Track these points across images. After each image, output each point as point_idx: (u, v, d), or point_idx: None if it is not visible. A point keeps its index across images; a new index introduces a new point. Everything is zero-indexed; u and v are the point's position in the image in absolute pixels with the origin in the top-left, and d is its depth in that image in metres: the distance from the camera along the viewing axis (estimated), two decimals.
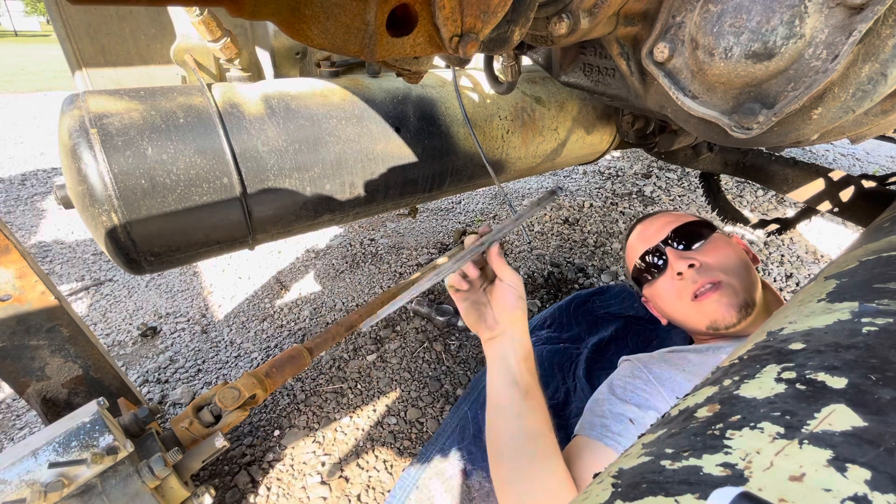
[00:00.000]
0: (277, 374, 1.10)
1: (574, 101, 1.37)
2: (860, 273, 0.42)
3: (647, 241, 1.00)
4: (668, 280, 0.94)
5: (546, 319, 1.59)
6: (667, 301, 0.96)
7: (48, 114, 5.05)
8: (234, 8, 0.39)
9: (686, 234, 0.96)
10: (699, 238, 0.95)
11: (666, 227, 0.99)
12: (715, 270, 0.88)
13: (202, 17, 0.87)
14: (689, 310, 0.90)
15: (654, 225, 1.02)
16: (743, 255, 0.94)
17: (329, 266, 2.11)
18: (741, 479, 0.22)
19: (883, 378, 0.26)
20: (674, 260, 0.92)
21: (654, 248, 0.97)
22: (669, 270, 0.93)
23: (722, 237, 0.96)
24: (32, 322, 0.85)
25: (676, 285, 0.92)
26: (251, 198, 0.87)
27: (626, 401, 0.83)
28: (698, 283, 0.87)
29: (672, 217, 1.01)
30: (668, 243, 0.96)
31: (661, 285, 0.96)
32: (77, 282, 1.98)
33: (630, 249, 1.08)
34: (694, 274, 0.88)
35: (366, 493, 1.14)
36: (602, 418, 0.82)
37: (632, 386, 0.86)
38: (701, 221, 0.99)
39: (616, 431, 0.77)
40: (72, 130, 0.74)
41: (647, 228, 1.04)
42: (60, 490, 0.70)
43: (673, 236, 0.96)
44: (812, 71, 0.46)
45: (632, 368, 0.91)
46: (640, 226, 1.08)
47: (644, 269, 1.00)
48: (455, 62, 0.72)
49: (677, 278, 0.91)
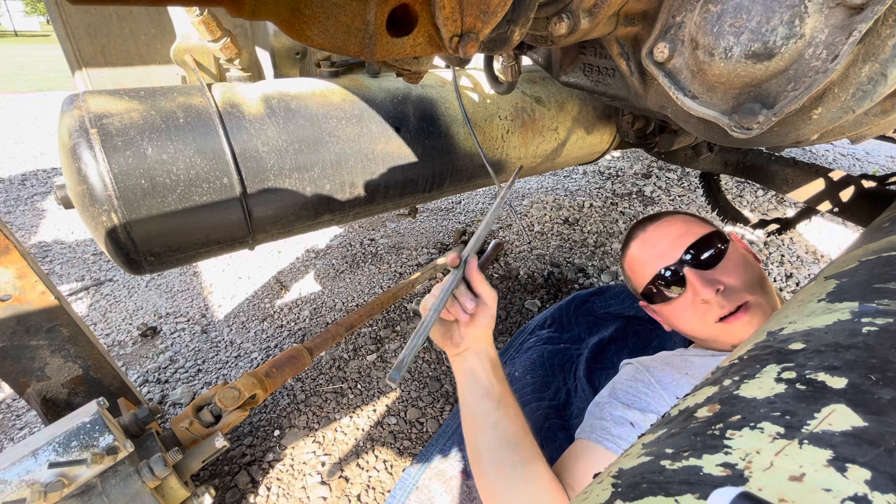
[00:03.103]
0: (277, 374, 1.11)
1: (574, 101, 1.37)
2: (860, 273, 0.42)
3: (659, 259, 0.90)
4: (688, 303, 0.86)
5: (546, 319, 1.59)
6: (686, 322, 0.89)
7: (48, 114, 5.05)
8: (234, 8, 0.39)
9: (703, 249, 0.87)
10: (717, 253, 0.87)
11: (679, 241, 0.88)
12: (741, 291, 0.82)
13: (202, 17, 0.86)
14: (714, 330, 0.85)
15: (664, 237, 0.91)
16: (756, 263, 0.89)
17: (329, 266, 2.11)
18: (741, 479, 0.22)
19: (883, 378, 0.26)
20: (698, 285, 0.83)
21: (670, 269, 0.88)
22: (691, 294, 0.85)
23: (734, 248, 0.89)
24: (32, 322, 0.85)
25: (699, 308, 0.84)
26: (251, 198, 0.87)
27: (627, 404, 0.82)
28: (725, 307, 0.81)
29: (682, 226, 0.91)
30: (686, 262, 0.86)
31: (681, 306, 0.88)
32: (77, 282, 1.98)
33: (634, 263, 0.97)
34: (721, 299, 0.82)
35: (366, 493, 1.14)
36: (602, 421, 0.81)
37: (633, 389, 0.85)
38: (714, 232, 0.89)
39: (616, 434, 0.77)
40: (72, 130, 0.74)
41: (653, 241, 0.93)
42: (60, 490, 0.70)
43: (691, 255, 0.86)
44: (812, 71, 0.46)
45: (634, 372, 0.89)
46: (642, 235, 0.96)
47: (656, 291, 0.92)
48: (455, 62, 0.72)
49: (701, 304, 0.84)
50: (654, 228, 0.95)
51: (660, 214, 0.99)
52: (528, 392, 1.29)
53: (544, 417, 1.21)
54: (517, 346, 1.51)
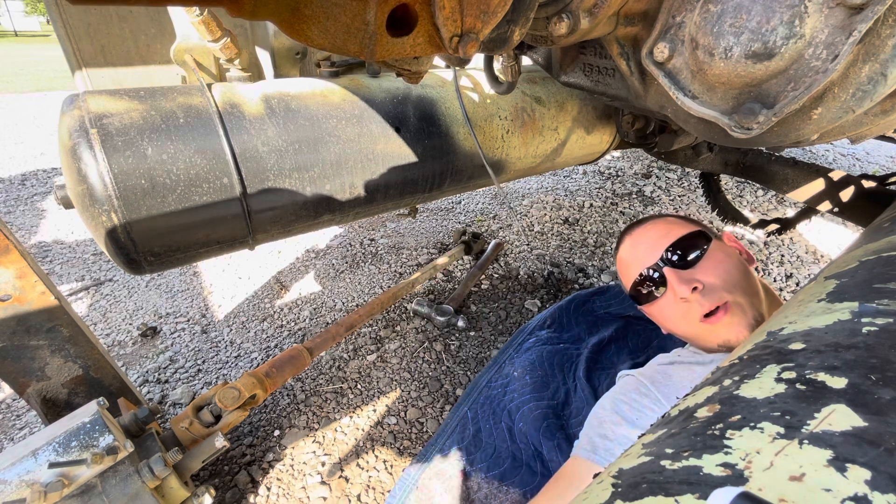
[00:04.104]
0: (277, 374, 1.11)
1: (574, 101, 1.37)
2: (860, 273, 0.42)
3: (641, 260, 0.94)
4: (670, 302, 0.89)
5: (546, 319, 1.59)
6: (672, 321, 0.91)
7: (48, 114, 5.05)
8: (234, 8, 0.39)
9: (682, 249, 0.90)
10: (696, 251, 0.89)
11: (659, 242, 0.92)
12: (719, 290, 0.83)
13: (202, 17, 0.87)
14: (698, 330, 0.86)
15: (646, 240, 0.95)
16: (741, 263, 0.90)
17: (329, 266, 2.11)
18: (741, 479, 0.22)
19: (883, 378, 0.26)
20: (675, 283, 0.85)
21: (651, 270, 0.91)
22: (671, 294, 0.88)
23: (718, 245, 0.91)
24: (32, 322, 0.85)
25: (681, 307, 0.87)
26: (251, 198, 0.87)
27: (632, 422, 0.80)
28: (705, 306, 0.83)
29: (663, 228, 0.94)
30: (666, 262, 0.89)
31: (664, 306, 0.91)
32: (77, 282, 1.98)
33: (622, 265, 1.01)
34: (699, 297, 0.84)
35: (366, 493, 1.14)
36: (605, 440, 0.79)
37: (639, 405, 0.83)
38: (695, 232, 0.92)
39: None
40: (72, 130, 0.74)
41: (637, 243, 0.97)
42: (60, 490, 0.70)
43: (669, 254, 0.90)
44: (812, 71, 0.46)
45: (636, 385, 0.88)
46: (628, 238, 1.01)
47: (642, 291, 0.94)
48: (455, 62, 0.72)
49: (681, 301, 0.86)
50: (640, 231, 0.99)
51: (647, 218, 1.02)
52: (528, 392, 1.29)
53: (543, 417, 1.21)
54: (517, 346, 1.51)
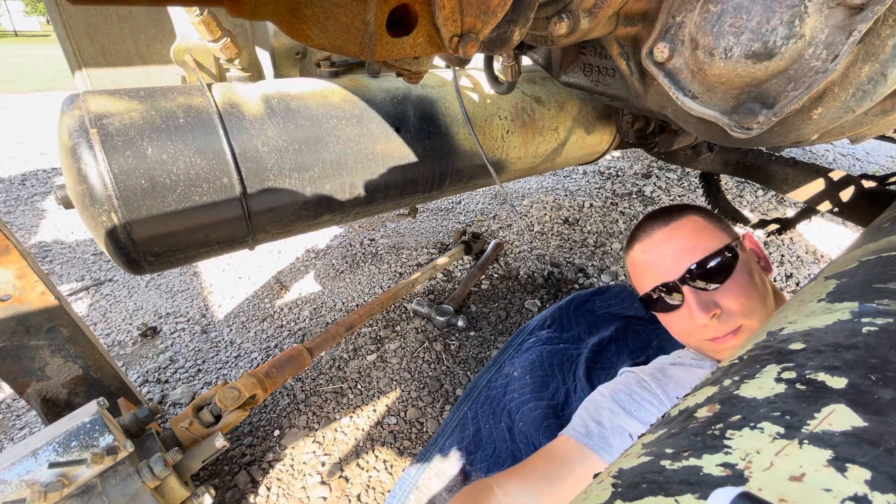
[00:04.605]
0: (277, 374, 1.11)
1: (574, 101, 1.37)
2: (860, 273, 0.42)
3: (660, 273, 0.86)
4: (683, 318, 0.84)
5: (546, 319, 1.59)
6: (679, 332, 0.88)
7: (48, 114, 5.05)
8: (234, 8, 0.39)
9: (708, 270, 0.82)
10: (722, 272, 0.81)
11: (683, 257, 0.83)
12: (737, 316, 0.78)
13: (202, 17, 0.87)
14: (703, 346, 0.84)
15: (668, 250, 0.86)
16: (762, 280, 0.85)
17: (329, 266, 2.11)
18: (741, 479, 0.22)
19: (883, 378, 0.26)
20: (694, 307, 0.79)
21: (671, 286, 0.84)
22: (686, 312, 0.82)
23: (744, 261, 0.83)
24: (32, 322, 0.85)
25: (695, 325, 0.82)
26: (251, 198, 0.87)
27: (630, 413, 0.80)
28: (719, 331, 0.79)
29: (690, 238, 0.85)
30: (686, 281, 0.82)
31: (675, 319, 0.86)
32: (77, 282, 1.98)
33: (635, 267, 0.92)
34: (716, 324, 0.79)
35: (366, 493, 1.14)
36: (601, 427, 0.79)
37: (638, 397, 0.83)
38: (724, 248, 0.83)
39: (615, 446, 0.75)
40: (72, 130, 0.74)
41: (658, 251, 0.87)
42: (60, 490, 0.70)
43: (692, 274, 0.81)
44: (812, 71, 0.46)
45: (637, 379, 0.87)
46: (647, 240, 0.90)
47: (656, 301, 0.88)
48: (455, 62, 0.72)
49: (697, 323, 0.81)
50: (662, 235, 0.88)
51: (671, 213, 0.90)
52: (527, 392, 1.29)
53: (543, 417, 1.21)
54: (517, 345, 1.51)
